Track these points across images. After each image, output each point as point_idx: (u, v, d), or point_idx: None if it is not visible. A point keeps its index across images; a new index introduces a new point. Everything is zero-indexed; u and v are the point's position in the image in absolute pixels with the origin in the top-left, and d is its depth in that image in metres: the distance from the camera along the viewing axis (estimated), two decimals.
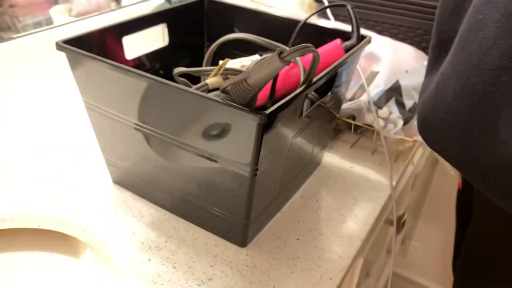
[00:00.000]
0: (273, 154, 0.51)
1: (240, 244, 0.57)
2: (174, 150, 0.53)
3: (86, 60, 0.52)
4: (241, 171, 0.48)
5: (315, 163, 0.71)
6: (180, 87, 0.46)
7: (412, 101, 0.77)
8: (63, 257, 0.63)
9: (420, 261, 1.53)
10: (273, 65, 0.43)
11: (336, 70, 0.54)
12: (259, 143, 0.45)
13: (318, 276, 0.54)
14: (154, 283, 0.51)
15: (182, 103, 0.48)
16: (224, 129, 0.47)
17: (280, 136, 0.50)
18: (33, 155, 0.70)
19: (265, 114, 0.42)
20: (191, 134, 0.49)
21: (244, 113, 0.43)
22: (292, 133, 0.53)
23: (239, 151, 0.47)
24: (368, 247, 0.70)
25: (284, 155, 0.54)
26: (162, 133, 0.52)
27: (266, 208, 0.58)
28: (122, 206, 0.61)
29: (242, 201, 0.51)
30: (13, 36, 0.79)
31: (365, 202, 0.66)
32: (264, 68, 0.44)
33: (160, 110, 0.50)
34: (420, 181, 1.26)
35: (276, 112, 0.43)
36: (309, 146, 0.63)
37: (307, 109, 0.54)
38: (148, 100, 0.50)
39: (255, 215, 0.55)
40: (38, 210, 0.59)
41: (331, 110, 0.64)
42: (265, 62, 0.44)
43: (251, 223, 0.54)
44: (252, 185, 0.49)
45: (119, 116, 0.55)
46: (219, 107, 0.45)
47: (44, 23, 0.87)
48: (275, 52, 0.43)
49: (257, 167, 0.47)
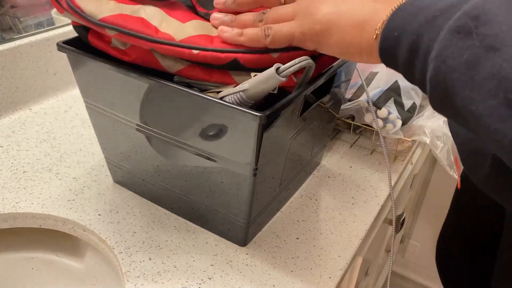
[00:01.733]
0: (273, 154, 0.51)
1: (241, 243, 0.57)
2: (174, 150, 0.53)
3: (86, 61, 0.53)
4: (241, 171, 0.49)
5: (315, 162, 0.71)
6: (180, 88, 0.46)
7: (411, 101, 0.77)
8: (64, 257, 0.63)
9: (419, 260, 1.54)
10: (271, 81, 0.44)
11: (335, 70, 0.54)
12: (259, 143, 0.46)
13: (318, 275, 0.54)
14: (155, 282, 0.52)
15: (182, 104, 0.48)
16: (225, 130, 0.47)
17: (279, 136, 0.51)
18: (33, 155, 0.70)
19: (265, 114, 0.43)
20: (192, 134, 0.50)
21: (244, 114, 0.43)
22: (291, 133, 0.54)
23: (239, 151, 0.47)
24: (367, 246, 0.71)
25: (283, 155, 0.55)
26: (162, 133, 0.52)
27: (266, 208, 0.58)
28: (123, 205, 0.62)
29: (243, 200, 0.52)
30: (15, 37, 0.79)
31: (364, 201, 0.66)
32: (261, 83, 0.44)
33: (161, 111, 0.51)
34: (419, 180, 1.27)
35: (275, 112, 0.44)
36: (309, 146, 0.63)
37: (306, 109, 0.54)
38: (148, 100, 0.51)
39: (255, 214, 0.55)
40: (39, 209, 0.60)
41: (331, 110, 0.65)
42: (263, 77, 0.44)
43: (251, 223, 0.55)
44: (252, 185, 0.50)
45: (119, 116, 0.55)
46: (219, 108, 0.45)
47: (45, 23, 0.87)
48: (273, 67, 0.43)
49: (257, 166, 0.48)
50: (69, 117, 0.80)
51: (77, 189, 0.64)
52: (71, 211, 0.60)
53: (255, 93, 0.44)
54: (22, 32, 0.82)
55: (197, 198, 0.56)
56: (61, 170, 0.67)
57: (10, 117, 0.79)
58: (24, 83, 0.81)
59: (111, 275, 0.58)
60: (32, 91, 0.82)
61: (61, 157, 0.70)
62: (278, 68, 0.43)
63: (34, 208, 0.60)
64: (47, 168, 0.68)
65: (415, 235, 1.52)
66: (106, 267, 0.60)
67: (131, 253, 0.55)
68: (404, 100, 0.76)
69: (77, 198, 0.62)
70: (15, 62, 0.78)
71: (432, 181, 1.40)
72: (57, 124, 0.78)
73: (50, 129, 0.77)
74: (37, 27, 0.85)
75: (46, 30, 0.84)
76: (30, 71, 0.81)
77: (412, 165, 0.83)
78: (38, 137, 0.74)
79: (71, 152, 0.71)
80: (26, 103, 0.82)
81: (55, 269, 0.63)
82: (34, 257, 0.63)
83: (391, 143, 0.77)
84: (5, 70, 0.77)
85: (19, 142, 0.73)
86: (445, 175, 1.28)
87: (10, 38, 0.79)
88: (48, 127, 0.77)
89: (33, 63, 0.81)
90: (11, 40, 0.78)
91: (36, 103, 0.83)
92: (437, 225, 1.29)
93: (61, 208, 0.60)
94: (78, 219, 0.59)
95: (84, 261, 0.63)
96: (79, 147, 0.73)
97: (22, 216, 0.59)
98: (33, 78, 0.82)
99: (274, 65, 0.43)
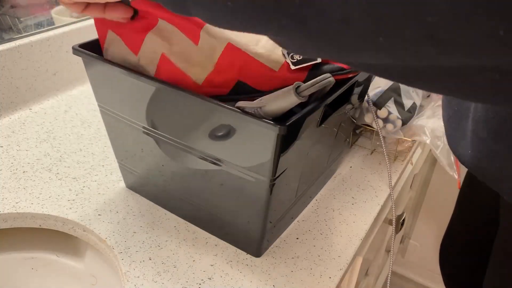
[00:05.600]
0: (291, 164, 0.50)
1: (255, 254, 0.56)
2: (183, 155, 0.52)
3: (101, 65, 0.52)
4: (258, 182, 0.48)
5: (331, 170, 0.70)
6: (194, 94, 0.45)
7: (411, 101, 0.77)
8: (64, 257, 0.63)
9: (419, 260, 1.54)
10: (289, 100, 0.43)
11: (354, 80, 0.53)
12: (277, 154, 0.44)
13: (318, 275, 0.54)
14: (155, 282, 0.52)
15: (197, 111, 0.47)
16: (243, 140, 0.46)
17: (298, 146, 0.49)
18: (33, 155, 0.70)
19: (285, 125, 0.42)
20: (205, 142, 0.49)
21: (264, 124, 0.42)
22: (310, 142, 0.52)
23: (257, 160, 0.46)
24: (367, 246, 0.71)
25: (301, 165, 0.53)
26: (175, 139, 0.52)
27: (282, 217, 0.57)
28: (123, 205, 0.62)
29: (259, 212, 0.51)
30: (15, 37, 0.79)
31: (364, 201, 0.66)
32: (279, 101, 0.43)
33: (175, 117, 0.50)
34: (419, 180, 1.26)
35: (295, 123, 0.43)
36: (326, 154, 0.62)
37: (326, 118, 0.53)
38: (164, 106, 0.50)
39: (271, 225, 0.54)
40: (39, 209, 0.60)
41: (350, 118, 0.63)
42: (281, 94, 0.43)
43: (266, 233, 0.54)
44: (268, 196, 0.48)
45: (128, 119, 0.55)
46: (239, 118, 0.44)
47: (45, 24, 0.87)
48: (292, 86, 0.42)
49: (275, 177, 0.47)
50: (69, 117, 0.80)
51: (77, 189, 0.64)
52: (71, 211, 0.60)
53: (273, 110, 0.44)
54: (22, 32, 0.82)
55: (213, 208, 0.55)
56: (61, 170, 0.67)
57: (10, 117, 0.79)
58: (24, 83, 0.81)
59: (111, 275, 0.58)
60: (32, 91, 0.82)
61: (61, 157, 0.70)
62: (298, 87, 0.42)
63: (34, 208, 0.60)
64: (47, 168, 0.68)
65: (415, 235, 1.52)
66: (106, 267, 0.59)
67: (131, 253, 0.55)
68: (404, 100, 0.76)
69: (77, 198, 0.62)
70: (15, 62, 0.78)
71: (432, 181, 1.40)
72: (57, 124, 0.78)
73: (50, 129, 0.77)
74: (37, 27, 0.85)
75: (46, 30, 0.84)
76: (30, 71, 0.81)
77: (412, 165, 0.83)
78: (38, 137, 0.74)
79: (71, 152, 0.71)
80: (26, 103, 0.82)
81: (55, 269, 0.63)
82: (34, 257, 0.63)
83: (391, 143, 0.77)
84: (5, 70, 0.77)
85: (19, 142, 0.73)
86: (445, 175, 1.28)
87: (10, 38, 0.79)
88: (48, 127, 0.77)
89: (33, 63, 0.81)
90: (11, 40, 0.78)
91: (36, 103, 0.83)
92: (437, 225, 1.28)
93: (61, 208, 0.60)
94: (78, 219, 0.59)
95: (84, 261, 0.62)
96: (79, 147, 0.73)
97: (22, 216, 0.59)
98: (33, 78, 0.82)
99: (294, 84, 0.42)
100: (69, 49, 0.85)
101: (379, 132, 0.71)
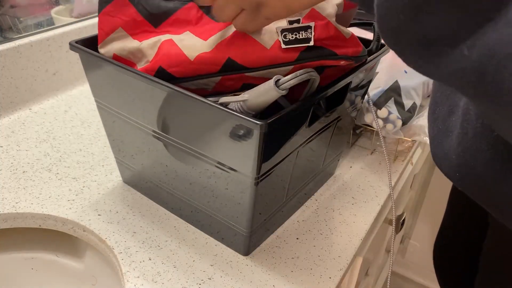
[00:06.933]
0: (277, 163, 0.50)
1: (243, 252, 0.56)
2: (180, 153, 0.52)
3: (98, 61, 0.52)
4: (243, 179, 0.48)
5: (328, 172, 0.69)
6: (184, 92, 0.45)
7: (411, 101, 0.77)
8: (64, 257, 0.63)
9: (419, 260, 1.54)
10: (270, 93, 0.42)
11: (348, 81, 0.53)
12: (260, 152, 0.44)
13: (318, 275, 0.54)
14: (155, 282, 0.52)
15: (186, 109, 0.48)
16: (226, 136, 0.46)
17: (284, 145, 0.49)
18: (33, 155, 0.70)
19: (266, 122, 0.41)
20: (193, 138, 0.49)
21: (246, 121, 0.42)
22: (299, 142, 0.52)
23: (241, 159, 0.46)
24: (367, 246, 0.71)
25: (290, 164, 0.53)
26: (168, 137, 0.52)
27: (271, 217, 0.57)
28: (123, 205, 0.62)
29: (244, 209, 0.51)
30: (14, 37, 0.79)
31: (364, 201, 0.66)
32: (261, 95, 0.43)
33: (166, 115, 0.50)
34: (419, 180, 1.26)
35: (277, 121, 0.43)
36: (321, 155, 0.61)
37: (317, 119, 0.52)
38: (156, 104, 0.50)
39: (258, 224, 0.54)
40: (39, 209, 0.60)
41: (346, 120, 0.63)
42: (262, 89, 0.43)
43: (253, 232, 0.54)
44: (254, 194, 0.48)
45: (127, 116, 0.55)
46: (221, 114, 0.44)
47: (45, 23, 0.87)
48: (272, 79, 0.42)
49: (259, 175, 0.47)
50: (69, 117, 0.80)
51: (77, 189, 0.64)
52: (71, 211, 0.60)
53: (255, 104, 0.43)
54: (22, 32, 0.82)
55: (201, 204, 0.56)
56: (61, 170, 0.67)
57: (10, 117, 0.79)
58: (24, 83, 0.81)
59: (111, 275, 0.58)
60: (32, 91, 0.82)
61: (61, 157, 0.70)
62: (278, 81, 0.42)
63: (34, 208, 0.60)
64: (47, 168, 0.68)
65: (415, 235, 1.52)
66: (106, 267, 0.59)
67: (131, 253, 0.55)
68: (404, 100, 0.76)
69: (77, 198, 0.62)
70: (15, 62, 0.78)
71: (432, 181, 1.40)
72: (57, 124, 0.78)
73: (50, 129, 0.77)
74: (37, 27, 0.85)
75: (46, 30, 0.84)
76: (30, 71, 0.81)
77: (412, 165, 0.83)
78: (38, 137, 0.74)
79: (71, 152, 0.71)
80: (26, 103, 0.82)
81: (55, 269, 0.63)
82: (34, 257, 0.63)
83: (391, 143, 0.77)
84: (5, 70, 0.77)
85: (19, 142, 0.73)
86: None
87: (10, 38, 0.79)
88: (48, 127, 0.77)
89: (33, 63, 0.81)
90: (11, 40, 0.78)
91: (36, 103, 0.83)
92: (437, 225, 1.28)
93: (61, 208, 0.60)
94: (78, 219, 0.59)
95: (84, 261, 0.62)
96: (79, 147, 0.73)
97: (22, 216, 0.59)
98: (33, 78, 0.82)
99: (274, 77, 0.42)
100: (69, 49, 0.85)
101: (379, 132, 0.71)
